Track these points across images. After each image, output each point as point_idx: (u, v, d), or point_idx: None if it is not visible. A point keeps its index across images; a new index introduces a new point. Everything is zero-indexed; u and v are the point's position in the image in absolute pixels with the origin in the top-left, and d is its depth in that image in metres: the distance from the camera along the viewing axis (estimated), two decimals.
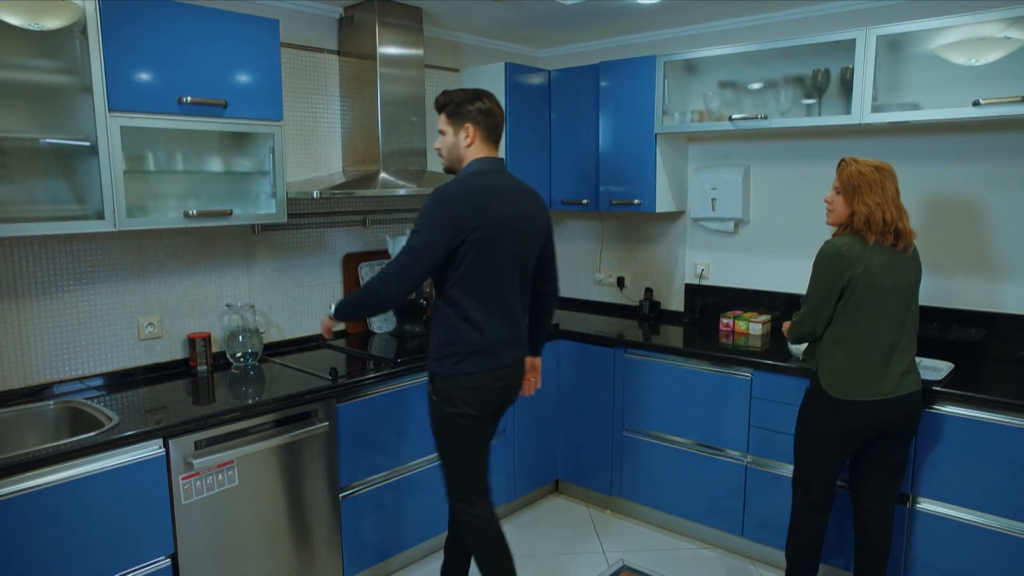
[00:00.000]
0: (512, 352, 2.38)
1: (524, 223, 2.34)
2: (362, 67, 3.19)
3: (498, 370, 2.34)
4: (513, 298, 2.37)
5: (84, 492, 2.05)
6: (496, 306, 2.32)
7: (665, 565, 3.12)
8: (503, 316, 2.34)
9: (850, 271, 2.31)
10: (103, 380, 2.66)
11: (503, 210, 2.28)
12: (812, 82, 3.09)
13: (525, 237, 2.35)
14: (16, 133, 2.24)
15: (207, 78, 2.50)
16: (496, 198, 2.28)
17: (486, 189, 2.28)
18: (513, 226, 2.30)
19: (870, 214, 2.32)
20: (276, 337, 3.18)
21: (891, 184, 2.37)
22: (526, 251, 2.37)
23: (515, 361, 2.41)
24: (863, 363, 2.37)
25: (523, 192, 2.40)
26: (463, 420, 2.33)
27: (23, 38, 2.19)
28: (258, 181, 2.83)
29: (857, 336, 2.36)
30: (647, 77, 3.46)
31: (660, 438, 3.34)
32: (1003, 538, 2.47)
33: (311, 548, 2.68)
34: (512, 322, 2.37)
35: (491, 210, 2.25)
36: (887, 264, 2.33)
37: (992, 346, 2.97)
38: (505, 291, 2.33)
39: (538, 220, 2.42)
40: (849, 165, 2.40)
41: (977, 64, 2.69)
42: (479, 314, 2.29)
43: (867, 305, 2.33)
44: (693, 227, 3.81)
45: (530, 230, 2.37)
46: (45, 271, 2.52)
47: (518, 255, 2.34)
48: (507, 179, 2.38)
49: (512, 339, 2.38)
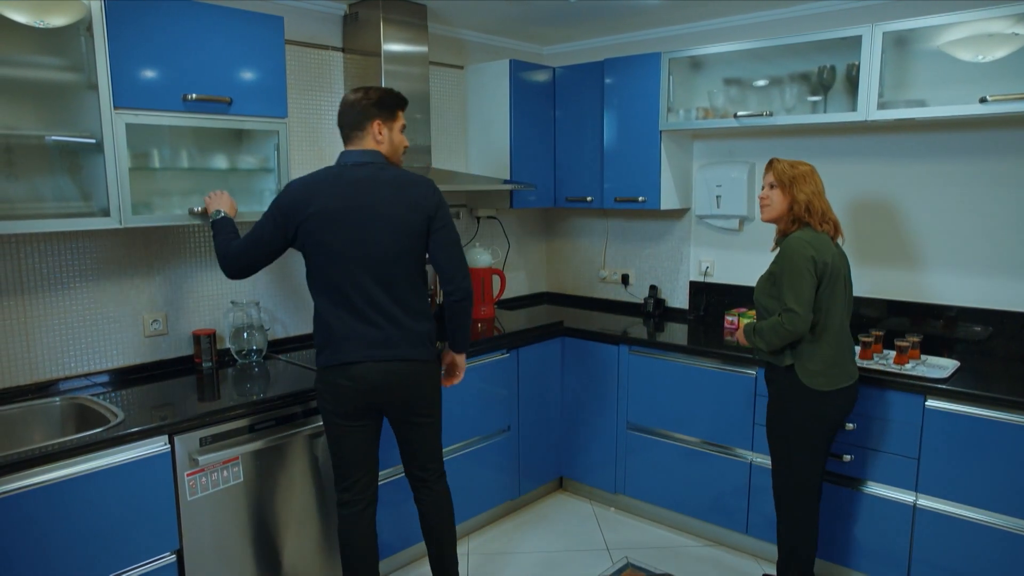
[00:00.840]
0: (367, 351, 2.26)
1: (368, 214, 2.24)
2: (366, 64, 3.19)
3: (347, 367, 2.27)
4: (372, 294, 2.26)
5: (90, 488, 2.06)
6: (344, 301, 2.26)
7: (669, 562, 3.12)
8: (355, 312, 2.26)
9: (823, 260, 2.42)
10: (109, 377, 2.67)
11: (337, 202, 2.24)
12: (818, 79, 3.08)
13: (369, 227, 2.24)
14: (22, 130, 2.25)
15: (212, 75, 2.51)
16: (335, 189, 2.26)
17: (327, 180, 2.29)
18: (351, 218, 2.23)
19: (809, 202, 2.48)
20: (281, 334, 3.19)
21: (818, 179, 2.53)
22: (380, 244, 2.25)
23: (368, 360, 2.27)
24: (840, 351, 2.49)
25: (382, 181, 2.29)
26: (326, 415, 2.37)
27: (29, 35, 2.19)
28: (263, 178, 2.83)
29: (833, 326, 2.47)
30: (652, 74, 3.45)
31: (665, 436, 3.34)
32: (1008, 536, 2.47)
33: (314, 545, 2.68)
34: (368, 320, 2.26)
35: (324, 200, 2.24)
36: (840, 256, 2.50)
37: (998, 344, 2.96)
38: (357, 287, 2.25)
39: (396, 206, 2.27)
40: (780, 162, 2.56)
41: (984, 60, 2.67)
42: (327, 309, 2.30)
43: (835, 294, 2.46)
44: (698, 224, 3.81)
45: (380, 221, 2.25)
46: (51, 268, 2.53)
47: (368, 248, 2.24)
48: (363, 171, 2.29)
49: (367, 337, 2.26)
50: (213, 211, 2.52)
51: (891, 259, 3.18)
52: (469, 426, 3.23)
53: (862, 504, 2.77)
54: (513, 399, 3.43)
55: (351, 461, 2.39)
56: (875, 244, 3.22)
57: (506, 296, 4.19)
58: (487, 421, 3.30)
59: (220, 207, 2.53)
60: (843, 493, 2.81)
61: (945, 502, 2.60)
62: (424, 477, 2.53)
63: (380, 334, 2.29)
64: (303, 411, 2.58)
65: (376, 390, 2.30)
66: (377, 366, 2.28)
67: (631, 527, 3.45)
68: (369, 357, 2.28)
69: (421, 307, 2.37)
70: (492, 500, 3.39)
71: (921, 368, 2.76)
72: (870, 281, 3.23)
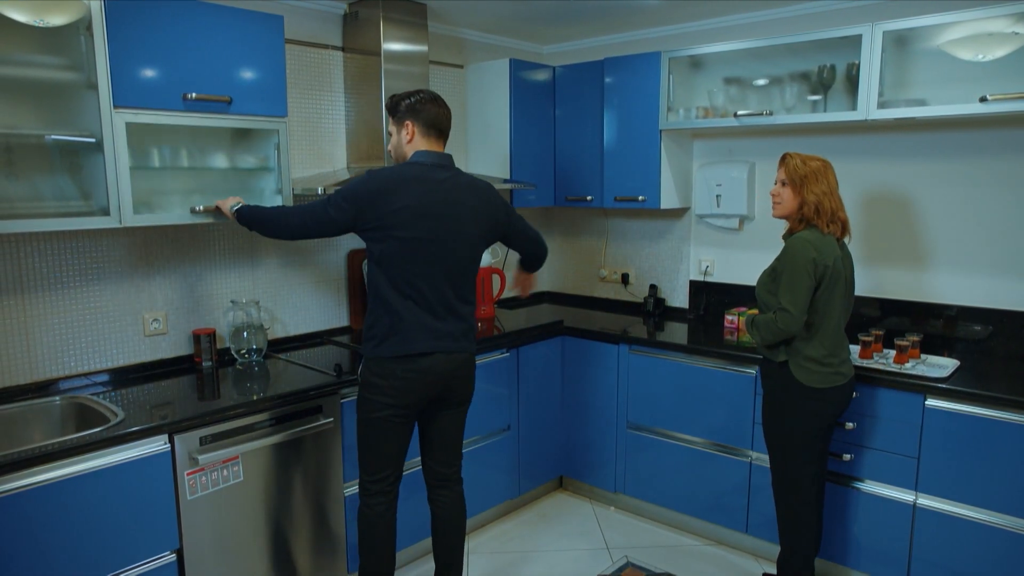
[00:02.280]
0: (436, 342, 2.31)
1: (452, 215, 2.31)
2: (366, 63, 3.19)
3: (416, 358, 2.29)
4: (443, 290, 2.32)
5: (90, 488, 2.06)
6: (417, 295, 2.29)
7: (669, 561, 3.12)
8: (426, 306, 2.30)
9: (823, 263, 2.41)
10: (109, 376, 2.67)
11: (425, 199, 2.27)
12: (818, 78, 3.08)
13: (452, 227, 2.31)
14: (22, 129, 2.25)
15: (212, 74, 2.51)
16: (421, 187, 2.28)
17: (414, 178, 2.29)
18: (436, 216, 2.28)
19: (819, 202, 2.45)
20: (281, 333, 3.19)
21: (832, 176, 2.50)
22: (456, 242, 2.32)
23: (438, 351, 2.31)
24: (834, 350, 2.49)
25: (462, 186, 2.36)
26: (377, 407, 2.32)
27: (29, 35, 2.19)
28: (263, 177, 2.83)
29: (829, 326, 2.48)
30: (652, 73, 3.45)
31: (665, 435, 3.34)
32: (1008, 536, 2.47)
33: (315, 544, 2.68)
34: (437, 314, 2.32)
35: (411, 198, 2.25)
36: (842, 258, 2.49)
37: (998, 343, 2.96)
38: (432, 282, 2.30)
39: (477, 211, 2.37)
40: (793, 158, 2.52)
41: (984, 60, 2.67)
42: (397, 300, 2.28)
43: (833, 296, 2.46)
44: (698, 224, 3.81)
45: (461, 223, 2.33)
46: (51, 267, 2.53)
47: (445, 247, 2.30)
48: (445, 172, 2.35)
49: (437, 330, 2.31)
50: (231, 205, 2.51)
51: (891, 258, 3.18)
52: (469, 425, 3.18)
53: (862, 503, 2.77)
54: (513, 398, 3.43)
55: (390, 455, 2.38)
56: (874, 243, 3.22)
57: (506, 295, 4.20)
58: (487, 420, 3.30)
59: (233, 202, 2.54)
60: (843, 492, 2.81)
61: (945, 501, 2.60)
62: (448, 475, 2.54)
63: (446, 327, 2.34)
64: (303, 410, 2.58)
65: (440, 381, 2.35)
66: (445, 358, 2.34)
67: (631, 526, 3.45)
68: (439, 349, 2.32)
69: (473, 304, 2.46)
70: (492, 499, 3.39)
71: (921, 367, 2.76)
72: (870, 280, 3.23)
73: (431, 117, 2.36)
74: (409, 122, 2.36)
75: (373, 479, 2.40)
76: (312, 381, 2.65)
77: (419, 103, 2.36)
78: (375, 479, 2.40)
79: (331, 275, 3.36)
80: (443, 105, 2.40)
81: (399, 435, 2.37)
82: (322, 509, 2.69)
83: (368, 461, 2.40)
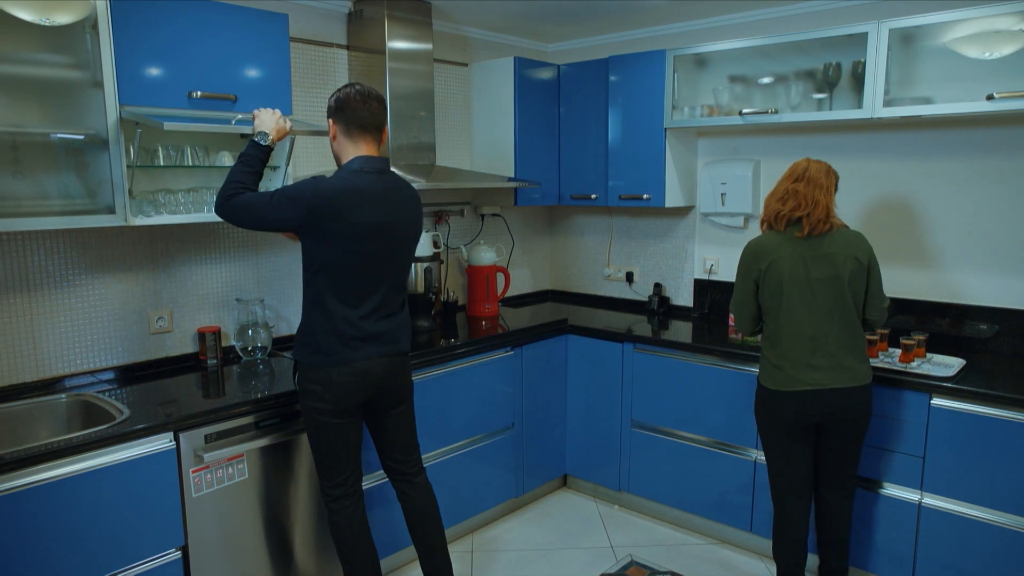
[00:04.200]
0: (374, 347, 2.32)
1: (399, 227, 2.33)
2: (371, 61, 3.19)
3: (353, 364, 2.28)
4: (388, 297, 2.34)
5: (95, 485, 2.07)
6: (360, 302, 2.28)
7: (673, 560, 3.12)
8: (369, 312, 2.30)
9: (756, 267, 2.52)
10: (114, 374, 2.68)
11: (379, 215, 2.25)
12: (823, 76, 3.07)
13: (399, 239, 2.34)
14: (28, 128, 2.25)
15: (217, 73, 2.51)
16: (372, 201, 2.25)
17: (366, 191, 2.24)
18: (388, 231, 2.29)
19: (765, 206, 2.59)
20: (285, 331, 3.19)
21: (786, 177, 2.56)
22: (400, 252, 2.37)
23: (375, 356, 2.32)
24: (784, 354, 2.48)
25: (404, 197, 2.37)
26: (318, 413, 2.30)
27: (34, 33, 2.20)
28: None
29: (778, 328, 2.50)
30: (657, 71, 3.45)
31: (669, 433, 3.33)
32: (1014, 535, 2.46)
33: (319, 541, 2.69)
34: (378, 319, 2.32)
35: (365, 214, 2.22)
36: (801, 257, 2.44)
37: (1005, 342, 2.95)
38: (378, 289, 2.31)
39: (415, 223, 2.42)
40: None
41: (991, 57, 2.66)
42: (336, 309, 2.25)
43: (785, 297, 2.47)
44: (702, 222, 3.80)
45: (405, 234, 2.37)
46: (56, 265, 2.53)
47: (392, 257, 2.34)
48: (387, 181, 2.32)
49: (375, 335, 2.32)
50: (258, 132, 2.29)
51: (897, 257, 3.17)
52: (473, 424, 3.23)
53: (867, 502, 2.77)
54: (517, 397, 3.43)
55: (344, 457, 2.37)
56: (880, 242, 3.20)
57: (510, 294, 4.20)
58: (491, 419, 3.30)
59: (266, 129, 2.30)
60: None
61: (950, 500, 2.59)
62: (404, 470, 2.53)
63: (385, 329, 2.36)
64: None
65: (377, 382, 2.35)
66: (381, 361, 2.34)
67: (635, 525, 3.45)
68: (376, 353, 2.33)
69: (406, 299, 2.48)
70: (496, 497, 3.40)
71: (927, 366, 2.75)
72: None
73: (357, 118, 2.27)
74: (331, 120, 2.31)
75: (333, 484, 2.39)
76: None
77: (343, 101, 2.27)
78: (335, 483, 2.39)
79: None
80: (371, 100, 2.28)
81: (347, 437, 2.36)
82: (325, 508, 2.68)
83: (324, 468, 2.38)
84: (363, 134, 2.29)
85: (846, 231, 2.49)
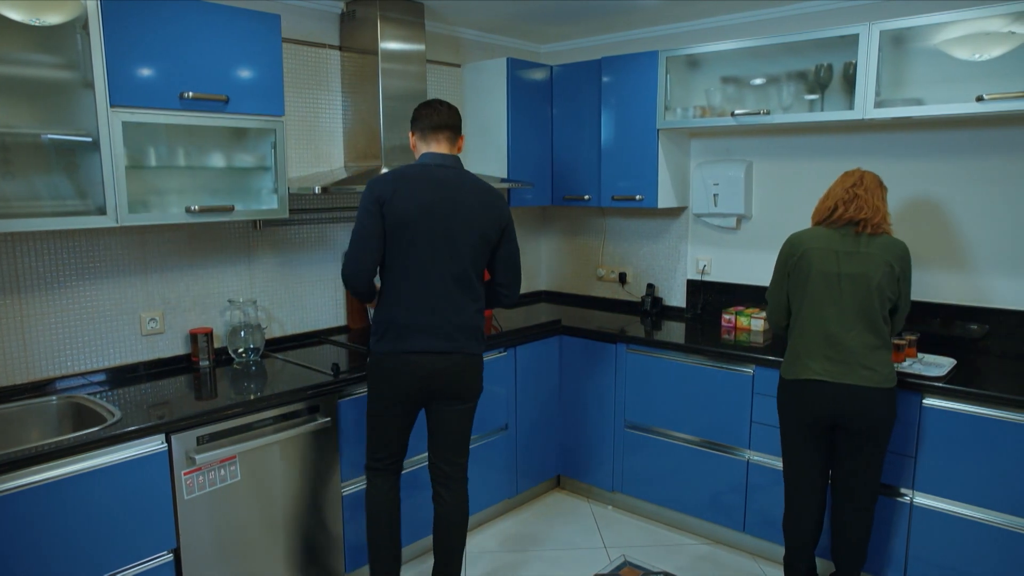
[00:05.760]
0: (430, 342, 2.39)
1: (450, 212, 2.39)
2: (364, 62, 3.18)
3: (408, 355, 2.39)
4: (440, 285, 2.40)
5: (87, 487, 2.06)
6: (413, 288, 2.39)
7: (667, 560, 3.13)
8: (423, 301, 2.39)
9: (793, 254, 2.56)
10: (105, 375, 2.66)
11: (425, 196, 2.37)
12: (815, 77, 3.08)
13: (451, 225, 2.39)
14: (18, 128, 2.24)
15: (209, 73, 2.50)
16: (420, 185, 2.39)
17: (414, 177, 2.40)
18: (434, 213, 2.37)
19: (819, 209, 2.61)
20: (278, 333, 3.19)
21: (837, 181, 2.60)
22: (455, 240, 2.40)
23: (430, 351, 2.40)
24: (803, 343, 2.52)
25: (465, 184, 2.44)
26: (377, 398, 2.47)
27: (25, 33, 2.19)
28: (260, 177, 2.83)
29: (801, 318, 2.54)
30: (649, 72, 3.45)
31: (662, 434, 3.34)
32: (1005, 534, 2.48)
33: (313, 543, 2.68)
34: (432, 309, 2.39)
35: (411, 195, 2.36)
36: (835, 251, 2.47)
37: (995, 342, 2.97)
38: (427, 275, 2.39)
39: (475, 211, 2.43)
40: None
41: (981, 59, 2.68)
42: (395, 299, 2.40)
43: (811, 287, 2.50)
44: (695, 223, 3.81)
45: (457, 220, 2.40)
46: (47, 267, 2.52)
47: (444, 244, 2.39)
48: (448, 172, 2.44)
49: (429, 326, 2.39)
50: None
51: None
52: None
53: None
54: (511, 397, 3.43)
55: (389, 439, 2.51)
56: None
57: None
58: (485, 419, 3.30)
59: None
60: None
61: (942, 500, 2.60)
62: (449, 473, 2.57)
63: (438, 326, 2.41)
64: (301, 410, 2.58)
65: (425, 376, 2.42)
66: (431, 356, 2.41)
67: (629, 525, 3.45)
68: (425, 347, 2.40)
69: (477, 303, 2.50)
70: (490, 499, 3.39)
71: (918, 366, 2.77)
72: None
73: (426, 121, 2.48)
74: (410, 132, 2.55)
75: (373, 458, 2.55)
76: (309, 380, 2.65)
77: (416, 111, 2.52)
78: (374, 458, 2.54)
79: (328, 274, 3.36)
80: (437, 106, 2.49)
81: (395, 423, 2.49)
82: (320, 509, 2.68)
83: (369, 442, 2.55)
84: (434, 134, 2.48)
85: (889, 237, 2.47)
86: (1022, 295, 2.91)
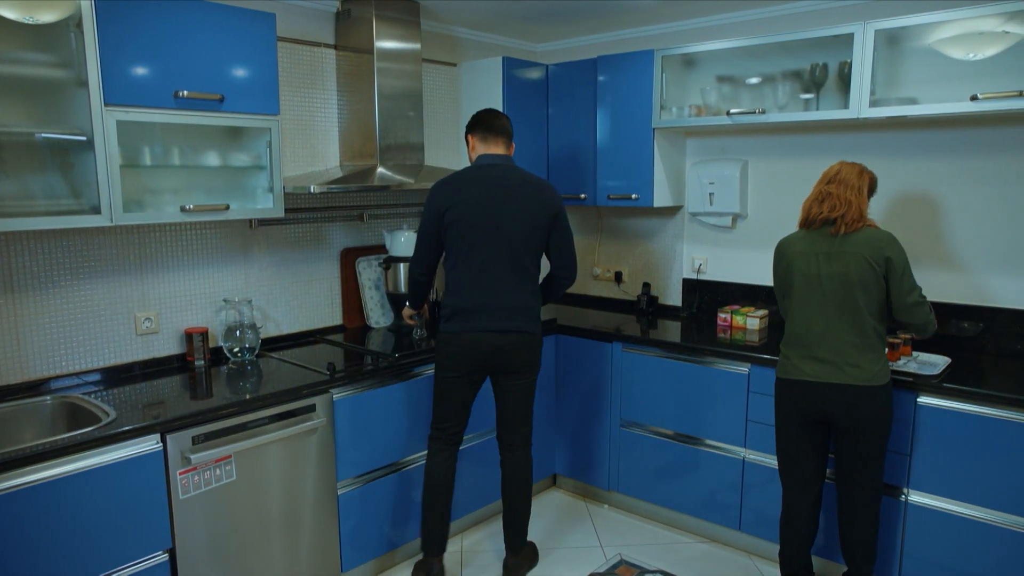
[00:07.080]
0: (486, 320, 2.66)
1: (502, 205, 2.64)
2: (359, 61, 3.18)
3: (469, 334, 2.66)
4: (497, 270, 2.66)
5: (82, 487, 2.05)
6: (473, 276, 2.66)
7: (662, 559, 3.13)
8: (481, 285, 2.66)
9: (780, 262, 2.62)
10: (100, 375, 2.66)
11: (481, 195, 2.64)
12: (810, 76, 3.09)
13: (504, 218, 2.64)
14: (12, 127, 2.24)
15: (204, 72, 2.49)
16: (475, 184, 2.67)
17: (471, 179, 2.69)
18: (489, 209, 2.63)
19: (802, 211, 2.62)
20: (273, 332, 3.18)
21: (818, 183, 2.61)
22: (508, 231, 2.65)
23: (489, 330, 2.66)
24: (792, 345, 2.57)
25: (515, 180, 2.70)
26: (443, 371, 2.74)
27: (18, 32, 2.18)
28: (255, 175, 2.82)
29: (791, 320, 2.59)
30: (645, 71, 3.46)
31: (658, 432, 3.34)
32: (999, 531, 2.48)
33: (309, 542, 2.68)
34: (493, 293, 2.66)
35: (467, 192, 2.65)
36: (815, 253, 2.51)
37: (989, 340, 2.98)
38: (484, 263, 2.65)
39: (526, 203, 2.67)
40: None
41: (975, 58, 2.68)
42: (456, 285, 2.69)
43: (796, 290, 2.55)
44: (691, 222, 3.81)
45: (508, 212, 2.65)
46: (41, 266, 2.51)
47: (498, 235, 2.64)
48: (499, 170, 2.70)
49: (488, 308, 2.66)
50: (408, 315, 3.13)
51: None
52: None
53: None
54: None
55: (449, 410, 2.78)
56: None
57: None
58: (480, 419, 3.29)
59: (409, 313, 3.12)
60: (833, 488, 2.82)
61: (936, 498, 2.61)
62: (508, 440, 2.86)
63: (495, 307, 2.66)
64: (296, 409, 2.58)
65: (485, 352, 2.68)
66: (489, 334, 2.67)
67: (624, 524, 3.46)
68: (482, 327, 2.66)
69: (531, 286, 2.75)
70: (485, 498, 3.39)
71: (912, 365, 2.77)
72: None
73: (485, 125, 2.75)
74: (469, 136, 2.80)
75: (436, 428, 2.82)
76: (305, 380, 2.65)
77: (475, 117, 2.80)
78: (436, 427, 2.81)
79: (324, 274, 3.36)
80: (496, 113, 2.79)
81: (453, 393, 2.77)
82: (316, 508, 2.68)
83: (436, 412, 2.81)
84: (493, 137, 2.75)
85: (871, 231, 2.45)
86: (1016, 293, 2.92)
